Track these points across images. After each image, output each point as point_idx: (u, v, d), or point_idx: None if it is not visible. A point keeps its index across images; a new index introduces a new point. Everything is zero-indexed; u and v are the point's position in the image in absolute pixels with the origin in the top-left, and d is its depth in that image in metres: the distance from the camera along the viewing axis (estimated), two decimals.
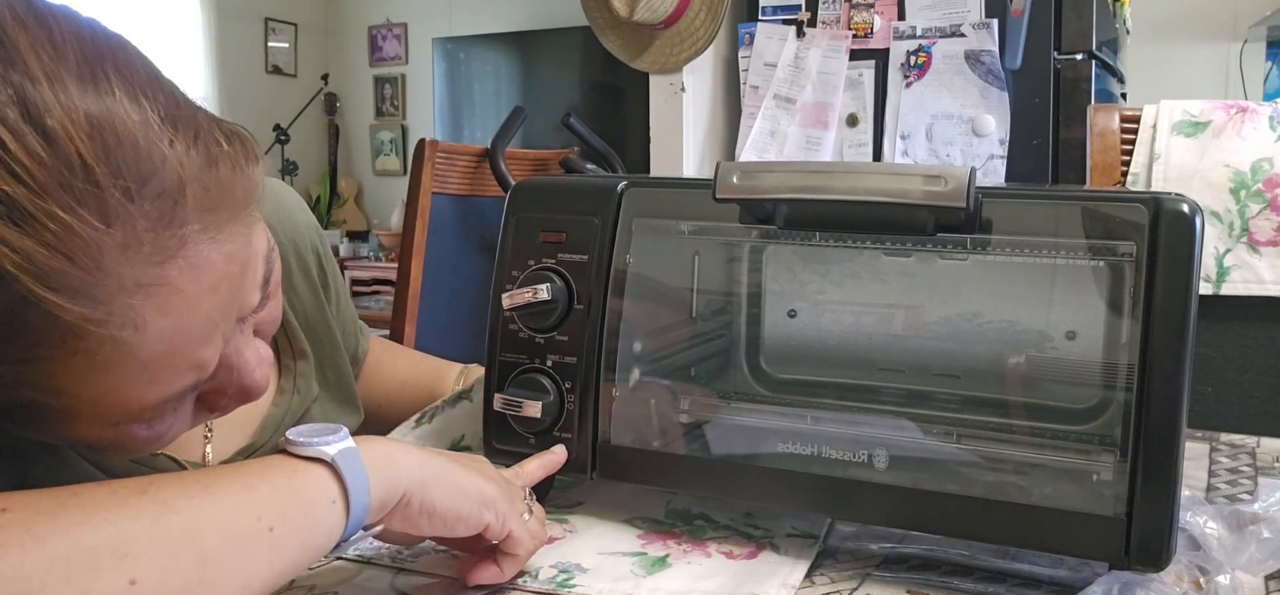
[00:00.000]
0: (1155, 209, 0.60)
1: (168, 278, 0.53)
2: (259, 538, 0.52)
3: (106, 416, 0.56)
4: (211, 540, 0.50)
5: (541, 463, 0.74)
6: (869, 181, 0.66)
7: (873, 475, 0.67)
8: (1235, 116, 1.37)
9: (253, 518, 0.52)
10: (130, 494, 0.49)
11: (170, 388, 0.57)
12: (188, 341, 0.56)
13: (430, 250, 2.09)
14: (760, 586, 0.65)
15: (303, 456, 0.56)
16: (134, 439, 0.59)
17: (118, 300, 0.51)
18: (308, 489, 0.55)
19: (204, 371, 0.58)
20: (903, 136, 2.27)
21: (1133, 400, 0.60)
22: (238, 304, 0.59)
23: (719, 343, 0.77)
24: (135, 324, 0.52)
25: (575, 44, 4.66)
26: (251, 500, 0.52)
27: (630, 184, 0.75)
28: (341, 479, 0.55)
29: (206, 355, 0.58)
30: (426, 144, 2.09)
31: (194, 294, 0.54)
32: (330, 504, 0.55)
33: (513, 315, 0.75)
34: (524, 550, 0.66)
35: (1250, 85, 3.15)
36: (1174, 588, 0.59)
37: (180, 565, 0.48)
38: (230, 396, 0.63)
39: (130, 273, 0.51)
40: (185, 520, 0.49)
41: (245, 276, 0.59)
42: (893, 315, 0.72)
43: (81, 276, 0.50)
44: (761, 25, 2.40)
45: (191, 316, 0.55)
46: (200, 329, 0.56)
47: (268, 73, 5.45)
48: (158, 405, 0.57)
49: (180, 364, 0.56)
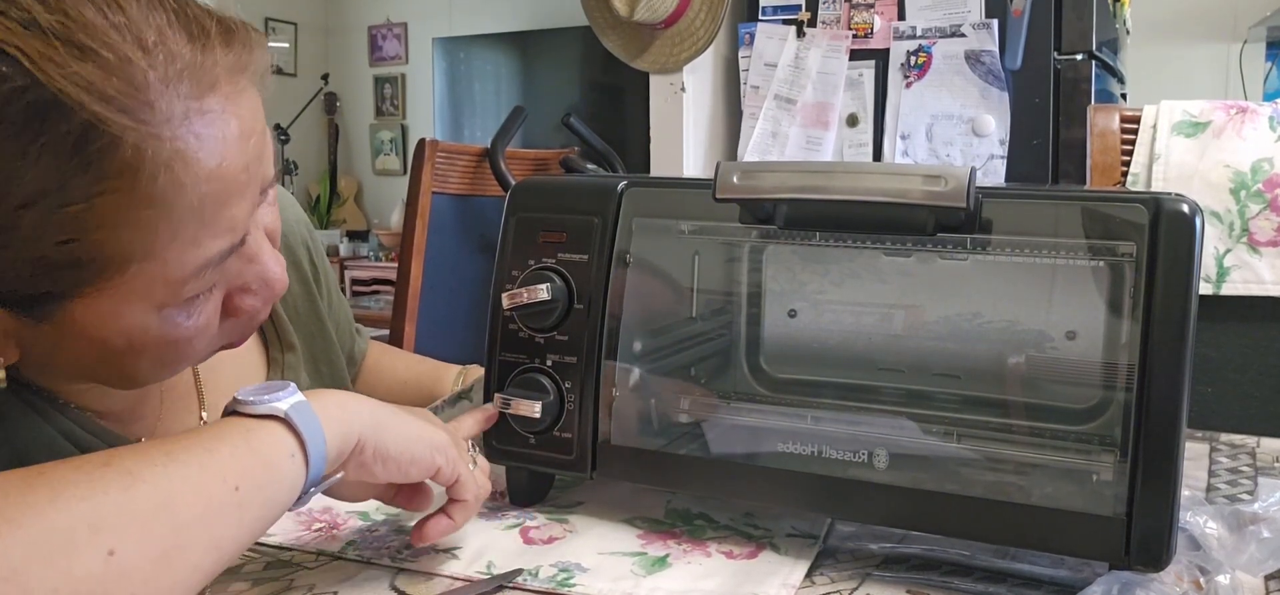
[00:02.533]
0: (1155, 209, 0.60)
1: (208, 110, 0.57)
2: (227, 499, 0.53)
3: (153, 291, 0.59)
4: (182, 506, 0.51)
5: (476, 418, 0.75)
6: (869, 181, 0.66)
7: (873, 475, 0.67)
8: (1235, 117, 1.37)
9: (217, 479, 0.53)
10: (95, 468, 0.49)
11: (210, 248, 0.59)
12: (228, 187, 0.59)
13: (430, 250, 2.09)
14: (760, 586, 0.65)
15: (256, 415, 0.57)
16: (177, 331, 0.62)
17: (167, 128, 0.55)
18: (266, 446, 0.56)
19: (237, 234, 0.61)
20: (903, 136, 2.27)
21: (1133, 400, 0.60)
22: (263, 167, 0.62)
23: (719, 342, 0.77)
24: (185, 156, 0.56)
25: (575, 44, 4.66)
26: (214, 463, 0.53)
27: (630, 184, 0.75)
28: (297, 432, 0.57)
29: (240, 214, 0.61)
30: (426, 144, 2.09)
31: (230, 136, 0.59)
32: (290, 458, 0.57)
33: (513, 315, 0.75)
34: (471, 496, 0.68)
35: (1250, 85, 3.16)
36: (1174, 588, 0.59)
37: (155, 534, 0.49)
38: (254, 294, 0.66)
39: (178, 104, 0.56)
40: (153, 489, 0.50)
41: (266, 142, 0.63)
42: (893, 315, 0.72)
43: (137, 98, 0.54)
44: (761, 25, 2.40)
45: (231, 157, 0.59)
46: (238, 177, 0.59)
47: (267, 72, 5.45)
48: (198, 273, 0.59)
49: (221, 215, 0.59)
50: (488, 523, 0.76)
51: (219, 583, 0.66)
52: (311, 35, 5.66)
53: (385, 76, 5.62)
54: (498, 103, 5.13)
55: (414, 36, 5.51)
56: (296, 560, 0.70)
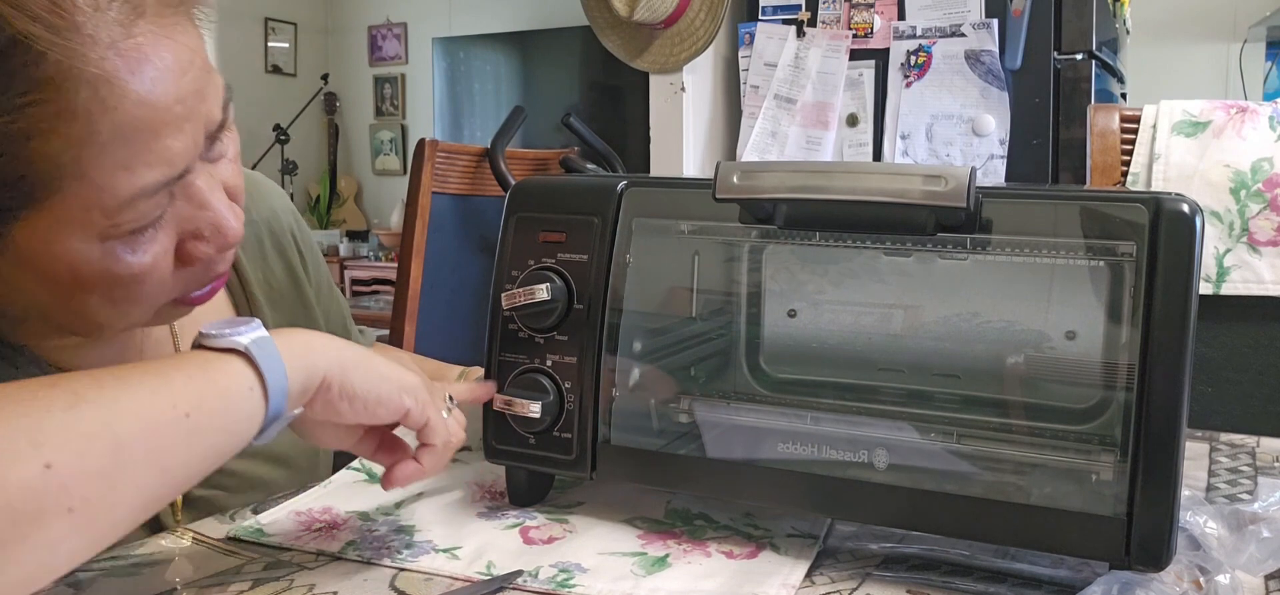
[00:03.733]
0: (1155, 209, 0.60)
1: (138, 44, 0.58)
2: (175, 424, 0.54)
3: (90, 217, 0.59)
4: (125, 426, 0.51)
5: (471, 387, 0.75)
6: (869, 181, 0.66)
7: (872, 475, 0.67)
8: (1235, 116, 1.37)
9: (168, 405, 0.54)
10: (41, 388, 0.51)
11: (144, 177, 0.60)
12: (159, 116, 0.59)
13: (430, 250, 2.09)
14: (760, 586, 0.65)
15: (216, 348, 0.58)
16: (122, 267, 0.62)
17: (93, 52, 0.56)
18: (223, 378, 0.57)
19: (174, 167, 0.61)
20: (903, 136, 2.27)
21: (1133, 400, 0.60)
22: (205, 108, 0.63)
23: (719, 343, 0.77)
24: (110, 80, 0.57)
25: (575, 44, 4.66)
26: (165, 388, 0.54)
27: (630, 184, 0.75)
28: (257, 367, 0.57)
29: (176, 147, 0.61)
30: (426, 144, 2.09)
31: (162, 68, 0.59)
32: (248, 392, 0.57)
33: (513, 315, 0.75)
34: (441, 440, 0.68)
35: (1250, 85, 3.16)
36: (1174, 587, 0.59)
37: (95, 450, 0.50)
38: (206, 241, 0.66)
39: (103, 30, 0.56)
40: (98, 410, 0.51)
41: (209, 79, 0.64)
42: (892, 315, 0.72)
43: (64, 19, 0.55)
44: (761, 25, 2.40)
45: (162, 88, 0.59)
46: (171, 108, 0.60)
47: (267, 72, 5.46)
48: (131, 201, 0.60)
49: (153, 145, 0.60)
50: (488, 523, 0.76)
51: (219, 582, 0.66)
52: (311, 35, 5.66)
53: (385, 76, 5.62)
54: (497, 103, 5.13)
55: (414, 36, 5.51)
56: (296, 560, 0.70)
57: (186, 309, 0.73)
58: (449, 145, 2.18)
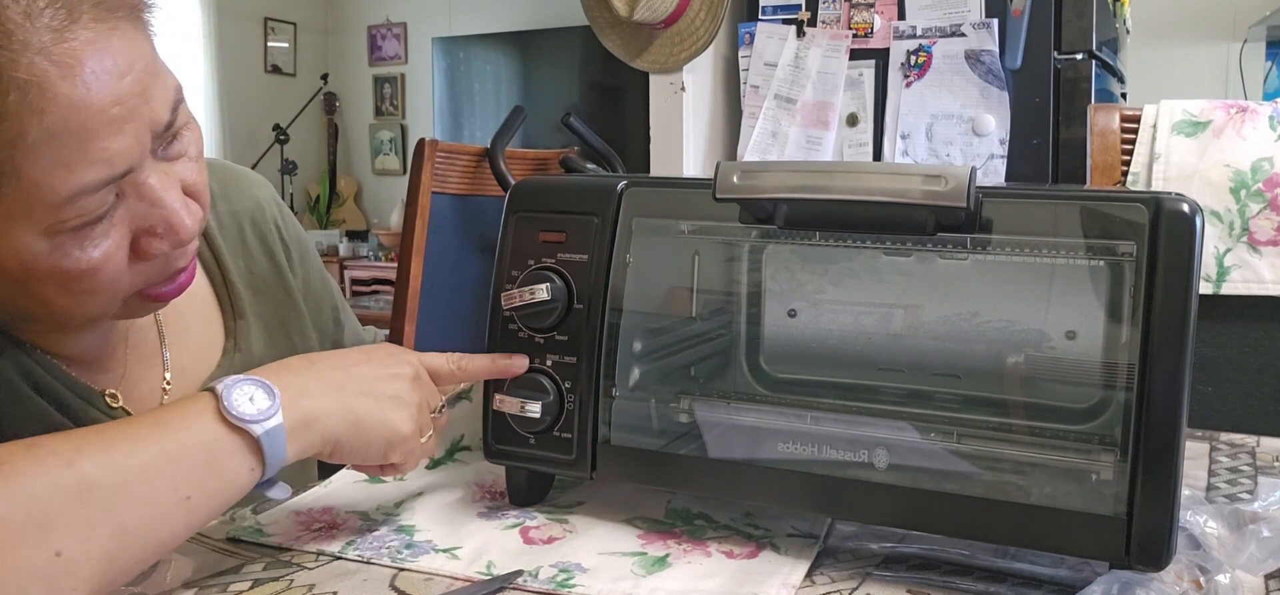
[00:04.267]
0: (1155, 209, 0.60)
1: (72, 49, 0.58)
2: (176, 506, 0.59)
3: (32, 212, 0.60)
4: (130, 513, 0.56)
5: (492, 363, 0.76)
6: (869, 181, 0.66)
7: (873, 475, 0.67)
8: (1235, 116, 1.37)
9: (171, 490, 0.58)
10: (54, 468, 0.55)
11: (84, 176, 0.60)
12: (96, 118, 0.60)
13: (430, 250, 2.09)
14: (760, 586, 0.65)
15: (231, 420, 0.61)
16: (71, 261, 0.63)
17: (23, 57, 0.57)
18: (229, 466, 0.61)
19: (115, 167, 0.62)
20: (903, 136, 2.27)
21: (1133, 400, 0.60)
22: (150, 109, 0.63)
23: (719, 342, 0.77)
24: (41, 84, 0.58)
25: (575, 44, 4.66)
26: (171, 471, 0.58)
27: (630, 184, 0.75)
28: (263, 453, 0.62)
29: (117, 147, 0.61)
30: (426, 143, 2.09)
31: (99, 71, 0.60)
32: (248, 472, 0.62)
33: (512, 315, 0.75)
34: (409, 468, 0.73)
35: (1250, 85, 3.16)
36: (1174, 587, 0.59)
37: (100, 537, 0.55)
38: (160, 238, 0.67)
39: (35, 37, 0.57)
40: (105, 498, 0.55)
41: (155, 81, 0.64)
42: (892, 315, 0.72)
43: None
44: (761, 25, 2.40)
45: (99, 90, 0.60)
46: (108, 110, 0.60)
47: (267, 72, 5.45)
48: (72, 199, 0.60)
49: (90, 146, 0.60)
50: (488, 523, 0.76)
51: (219, 582, 0.66)
52: (311, 35, 5.66)
53: (385, 76, 5.62)
54: (497, 102, 5.13)
55: (413, 36, 5.51)
56: (296, 560, 0.70)
57: (157, 303, 0.73)
58: (449, 145, 2.18)
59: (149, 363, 0.83)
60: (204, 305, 0.87)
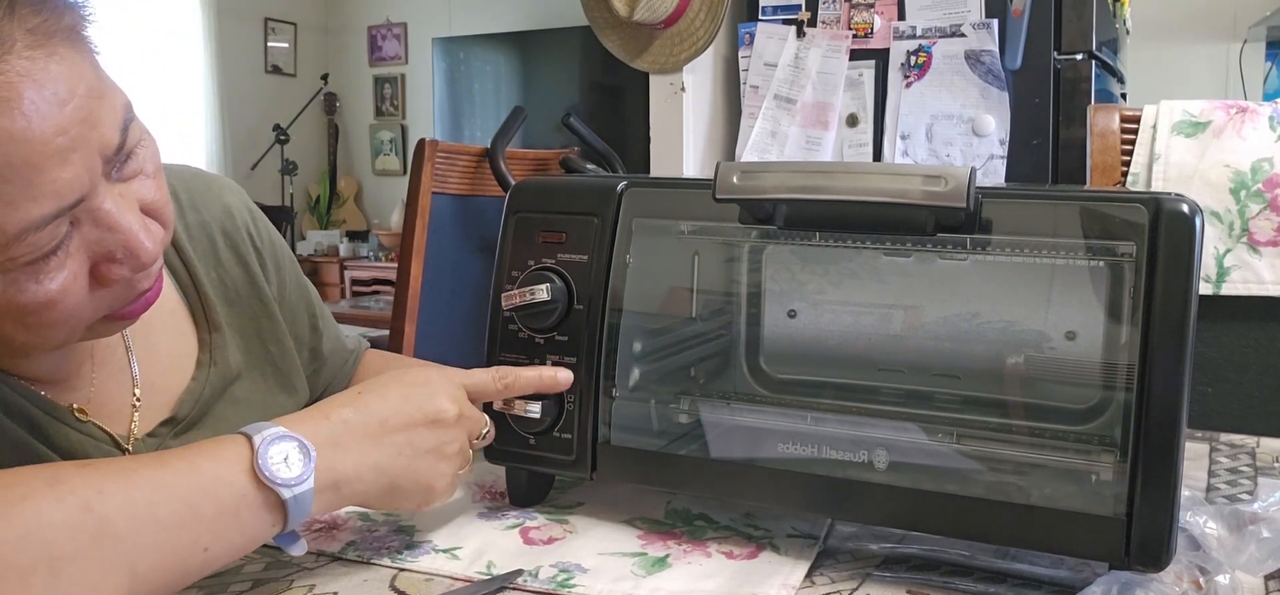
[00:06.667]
0: (1155, 209, 0.60)
1: (7, 81, 0.56)
2: (194, 557, 0.57)
3: None
4: (147, 561, 0.55)
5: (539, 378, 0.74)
6: (869, 182, 0.66)
7: (873, 475, 0.67)
8: (1235, 116, 1.37)
9: (190, 541, 0.57)
10: (73, 512, 0.53)
11: (30, 211, 0.58)
12: (39, 151, 0.58)
13: (430, 250, 2.09)
14: (760, 587, 0.65)
15: (263, 480, 0.59)
16: (28, 296, 0.61)
17: None
18: (254, 524, 0.60)
19: (64, 198, 0.60)
20: (903, 136, 2.27)
21: (1133, 400, 0.60)
22: (97, 134, 0.61)
23: (719, 343, 0.77)
24: None
25: (575, 44, 4.66)
26: (194, 523, 0.57)
27: (630, 184, 0.75)
28: (287, 513, 0.60)
29: (65, 177, 0.59)
30: (426, 144, 2.09)
31: (38, 102, 0.57)
32: (270, 526, 0.61)
33: (513, 315, 0.75)
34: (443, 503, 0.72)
35: (1250, 85, 3.16)
36: (1174, 587, 0.59)
37: (111, 582, 0.53)
38: (120, 263, 0.65)
39: None
40: (123, 548, 0.54)
41: (101, 103, 0.61)
42: (892, 315, 0.72)
43: None
44: (761, 25, 2.40)
45: (41, 123, 0.57)
46: (52, 141, 0.58)
47: (267, 72, 5.46)
48: (21, 235, 0.58)
49: (37, 179, 0.58)
50: (488, 523, 0.76)
51: (219, 582, 0.66)
52: (311, 35, 5.66)
53: (385, 76, 5.62)
54: (497, 103, 5.14)
55: (414, 36, 5.51)
56: (296, 560, 0.70)
57: (125, 322, 0.71)
58: (449, 145, 2.18)
59: (117, 377, 0.80)
60: (174, 317, 0.84)
